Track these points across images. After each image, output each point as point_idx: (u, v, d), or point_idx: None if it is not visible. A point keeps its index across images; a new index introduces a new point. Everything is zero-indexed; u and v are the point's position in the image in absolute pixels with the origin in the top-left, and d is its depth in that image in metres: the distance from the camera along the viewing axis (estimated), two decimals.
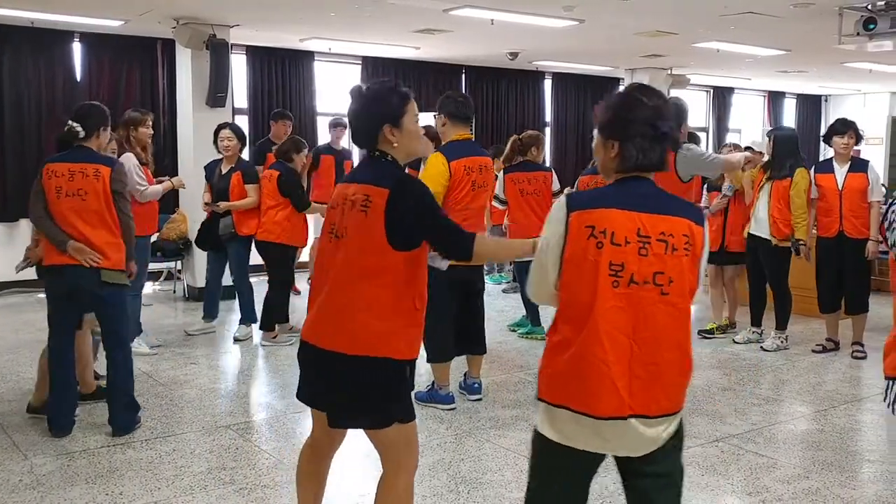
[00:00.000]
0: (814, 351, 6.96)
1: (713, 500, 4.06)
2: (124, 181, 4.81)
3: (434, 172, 5.07)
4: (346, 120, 9.32)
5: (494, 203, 7.32)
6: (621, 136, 2.39)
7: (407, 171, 2.98)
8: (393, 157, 2.89)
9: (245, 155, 7.52)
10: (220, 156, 7.12)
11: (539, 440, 2.50)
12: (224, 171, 7.04)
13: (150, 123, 6.38)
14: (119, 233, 4.70)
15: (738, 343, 7.19)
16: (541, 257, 2.42)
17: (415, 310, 2.85)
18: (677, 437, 2.50)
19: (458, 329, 5.29)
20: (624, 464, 2.51)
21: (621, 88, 2.48)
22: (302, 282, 8.65)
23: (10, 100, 9.18)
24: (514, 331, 7.49)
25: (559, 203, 2.39)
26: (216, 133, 7.09)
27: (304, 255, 9.09)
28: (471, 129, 5.46)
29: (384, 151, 2.89)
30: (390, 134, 2.87)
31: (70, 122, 4.67)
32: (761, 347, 7.05)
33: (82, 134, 4.65)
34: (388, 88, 2.94)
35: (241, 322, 7.26)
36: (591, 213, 2.33)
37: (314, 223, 8.59)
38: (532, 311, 7.33)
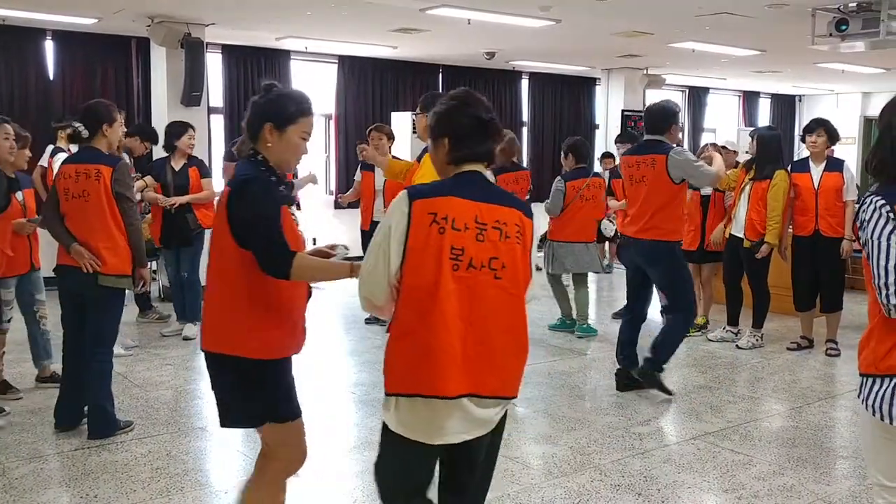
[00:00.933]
0: (788, 349, 7.02)
1: (690, 497, 4.09)
2: (127, 182, 4.75)
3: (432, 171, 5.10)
4: None
5: None
6: (450, 133, 2.56)
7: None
8: (263, 158, 2.90)
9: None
10: (164, 155, 7.12)
11: (387, 435, 2.57)
12: (178, 168, 7.03)
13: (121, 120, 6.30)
14: (122, 236, 4.64)
15: (711, 341, 7.25)
16: (382, 246, 2.45)
17: (267, 310, 2.83)
18: (498, 428, 2.65)
19: None
20: (448, 455, 2.62)
21: (454, 92, 2.72)
22: None
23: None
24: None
25: (401, 195, 2.49)
26: (175, 133, 7.05)
27: None
28: None
29: (257, 150, 2.92)
30: (269, 133, 2.88)
31: (73, 122, 4.64)
32: (736, 346, 7.10)
33: (86, 134, 4.60)
34: (289, 96, 2.97)
35: (190, 321, 7.23)
36: (433, 200, 2.45)
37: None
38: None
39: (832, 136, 6.73)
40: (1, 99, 9.18)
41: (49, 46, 9.57)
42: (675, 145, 5.63)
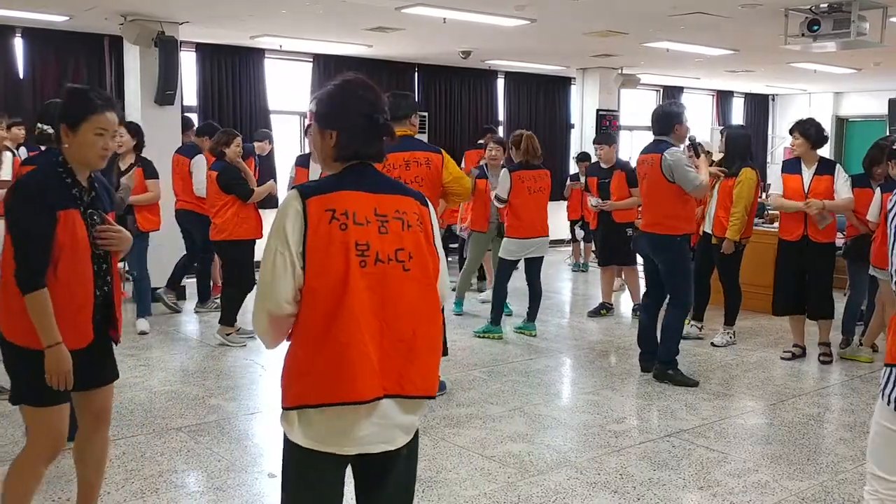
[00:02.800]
0: (783, 358, 6.75)
1: (665, 494, 4.11)
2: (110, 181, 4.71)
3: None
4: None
5: (494, 202, 7.26)
6: (339, 126, 2.37)
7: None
8: (63, 158, 3.02)
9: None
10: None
11: (291, 452, 2.36)
12: (123, 168, 6.96)
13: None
14: None
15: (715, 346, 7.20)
16: (279, 251, 2.26)
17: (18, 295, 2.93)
18: (413, 444, 2.47)
19: None
20: (364, 469, 2.43)
21: (342, 80, 2.44)
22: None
23: None
24: (479, 336, 7.40)
25: (291, 193, 2.31)
26: (224, 141, 6.98)
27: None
28: (411, 125, 5.45)
29: (60, 151, 3.05)
30: (64, 133, 3.00)
31: (38, 123, 4.55)
32: (711, 343, 7.14)
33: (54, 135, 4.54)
34: (78, 93, 3.05)
35: (141, 315, 7.40)
36: (328, 196, 2.29)
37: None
38: (497, 309, 7.35)
39: (808, 139, 6.35)
40: None
41: (19, 44, 9.45)
42: (673, 145, 5.94)
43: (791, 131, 6.52)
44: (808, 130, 6.41)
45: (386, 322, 2.30)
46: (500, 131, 13.81)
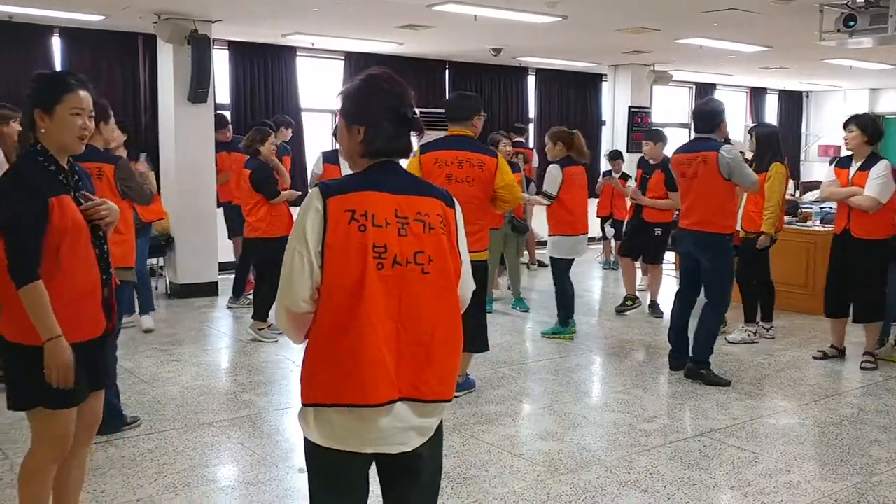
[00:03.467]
0: (815, 358, 6.65)
1: (695, 494, 4.08)
2: (130, 175, 4.77)
3: (409, 164, 5.29)
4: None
5: (541, 199, 7.21)
6: (367, 121, 2.34)
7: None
8: (42, 147, 2.95)
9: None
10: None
11: (311, 450, 2.37)
12: None
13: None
14: (128, 229, 4.67)
15: (732, 343, 7.13)
16: (299, 249, 2.26)
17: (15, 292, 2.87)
18: (439, 432, 2.46)
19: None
20: (387, 464, 2.42)
21: (367, 75, 2.39)
22: None
23: None
24: (545, 336, 7.35)
25: (313, 192, 2.30)
26: (259, 138, 7.08)
27: None
28: (472, 126, 5.43)
29: (35, 142, 2.96)
30: (39, 118, 2.93)
31: None
32: (726, 339, 7.08)
33: None
34: (48, 76, 3.05)
35: (144, 312, 7.39)
36: (349, 196, 2.27)
37: None
38: (565, 309, 7.29)
39: (866, 132, 6.16)
40: (8, 97, 9.18)
41: (56, 43, 9.59)
42: (723, 142, 5.95)
43: (846, 124, 6.36)
44: (865, 123, 6.26)
45: (403, 325, 2.28)
46: (531, 129, 13.80)
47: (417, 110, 2.44)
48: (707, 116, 6.00)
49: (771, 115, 17.24)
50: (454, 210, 2.42)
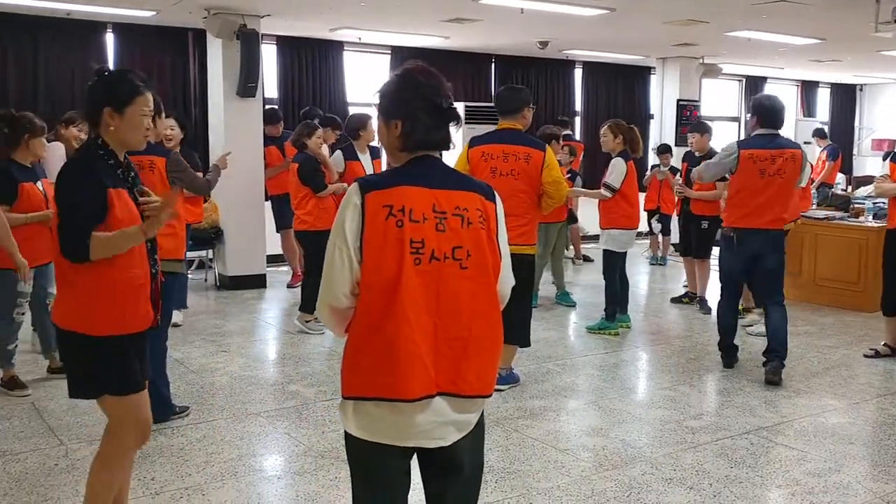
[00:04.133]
0: (865, 356, 6.54)
1: (742, 492, 4.04)
2: (183, 168, 4.85)
3: (458, 160, 5.34)
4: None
5: (603, 192, 7.14)
6: (403, 116, 2.34)
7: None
8: (103, 141, 3.01)
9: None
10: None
11: (350, 442, 2.40)
12: None
13: (82, 128, 6.29)
14: (179, 222, 4.75)
15: (750, 335, 7.13)
16: (338, 245, 2.29)
17: (100, 286, 2.93)
18: (479, 428, 2.46)
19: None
20: (427, 458, 2.43)
21: (402, 70, 2.36)
22: None
23: (45, 92, 9.27)
24: (591, 331, 7.31)
25: (353, 187, 2.31)
26: (306, 133, 7.13)
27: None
28: (522, 118, 5.44)
29: (97, 136, 3.03)
30: (109, 117, 2.99)
31: None
32: (746, 332, 7.03)
33: None
34: (121, 75, 3.08)
35: (176, 308, 7.26)
36: (388, 192, 2.27)
37: None
38: (613, 304, 7.25)
39: None
40: (63, 92, 9.40)
41: (109, 39, 9.77)
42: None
43: None
44: None
45: (441, 320, 2.28)
46: (577, 122, 13.73)
47: (458, 103, 2.46)
48: (780, 112, 5.90)
49: (823, 109, 16.92)
50: (494, 204, 2.41)
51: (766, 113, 5.86)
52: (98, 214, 2.90)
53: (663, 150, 10.66)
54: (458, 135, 10.32)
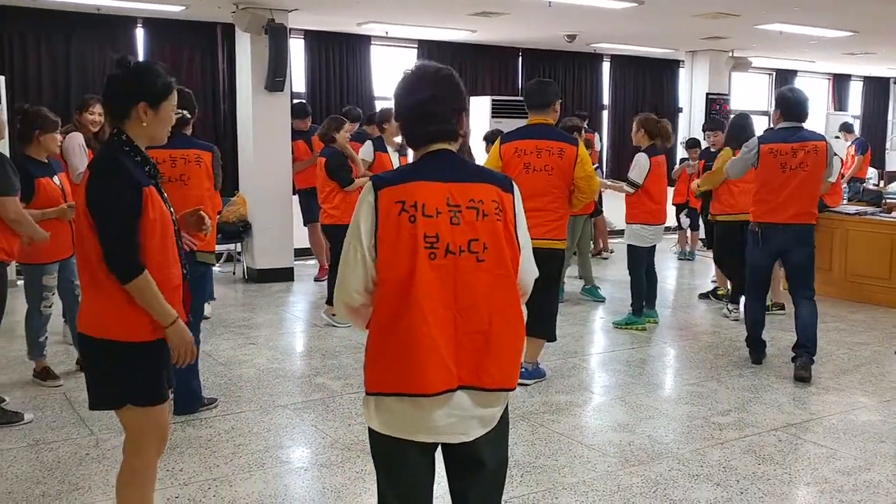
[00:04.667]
0: None
1: (769, 489, 4.01)
2: (220, 163, 4.90)
3: (490, 155, 5.38)
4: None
5: (626, 187, 7.13)
6: (398, 116, 2.44)
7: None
8: (128, 137, 2.87)
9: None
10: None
11: (373, 437, 2.42)
12: None
13: (95, 110, 6.23)
14: (213, 215, 4.79)
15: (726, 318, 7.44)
16: (353, 244, 2.33)
17: (117, 290, 2.79)
18: (503, 422, 2.45)
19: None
20: (450, 453, 2.43)
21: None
22: None
23: (78, 86, 9.36)
24: (618, 327, 7.27)
25: (367, 185, 2.34)
26: (335, 126, 7.12)
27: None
28: (553, 112, 5.43)
29: (120, 129, 2.87)
30: (144, 112, 2.87)
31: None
32: (723, 315, 7.48)
33: (189, 120, 4.69)
34: (155, 69, 2.94)
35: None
36: (400, 188, 2.29)
37: None
38: (638, 300, 7.22)
39: None
40: (94, 86, 9.50)
41: (139, 34, 9.86)
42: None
43: None
44: None
45: (460, 314, 2.28)
46: (605, 116, 13.66)
47: (484, 97, 2.50)
48: (804, 104, 5.79)
49: (855, 103, 16.70)
50: (512, 195, 2.40)
51: (788, 105, 5.79)
52: (138, 218, 2.78)
53: (692, 144, 10.58)
54: (486, 128, 10.31)
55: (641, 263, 7.17)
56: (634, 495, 3.92)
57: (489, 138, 8.54)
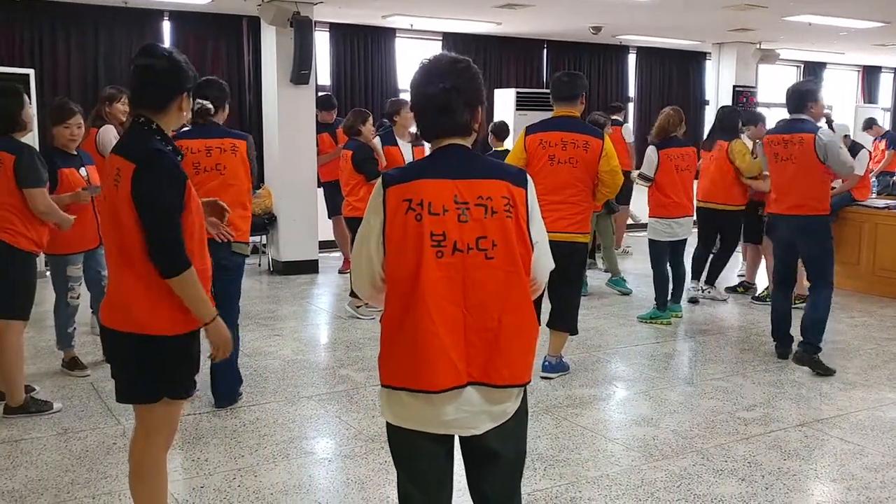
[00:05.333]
0: None
1: (795, 485, 3.98)
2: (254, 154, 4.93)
3: (514, 146, 5.37)
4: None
5: (639, 181, 7.12)
6: (413, 106, 2.41)
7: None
8: (158, 126, 2.85)
9: None
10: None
11: (388, 429, 2.45)
12: None
13: (125, 101, 6.22)
14: (249, 205, 4.84)
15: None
16: (363, 241, 2.34)
17: (159, 285, 2.78)
18: (521, 416, 2.43)
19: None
20: (466, 445, 2.44)
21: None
22: None
23: (105, 80, 9.41)
24: (642, 321, 7.24)
25: (378, 182, 2.34)
26: (361, 119, 7.13)
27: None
28: (581, 104, 5.42)
29: (150, 119, 2.84)
30: (185, 102, 2.90)
31: (198, 99, 4.59)
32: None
33: (213, 110, 4.72)
34: (187, 62, 2.93)
35: None
36: (406, 186, 2.28)
37: None
38: (662, 294, 7.19)
39: None
40: (122, 80, 9.57)
41: (166, 27, 9.93)
42: (820, 124, 5.83)
43: None
44: None
45: (469, 311, 2.28)
46: (631, 108, 13.58)
47: (509, 89, 2.47)
48: (794, 96, 5.79)
49: (885, 95, 16.47)
50: (525, 190, 2.37)
51: (788, 98, 5.88)
52: (182, 212, 2.78)
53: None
54: (511, 124, 10.29)
55: (660, 257, 7.13)
56: (658, 490, 3.90)
57: (496, 131, 8.53)
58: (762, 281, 8.29)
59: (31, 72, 8.45)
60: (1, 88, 4.80)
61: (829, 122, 6.23)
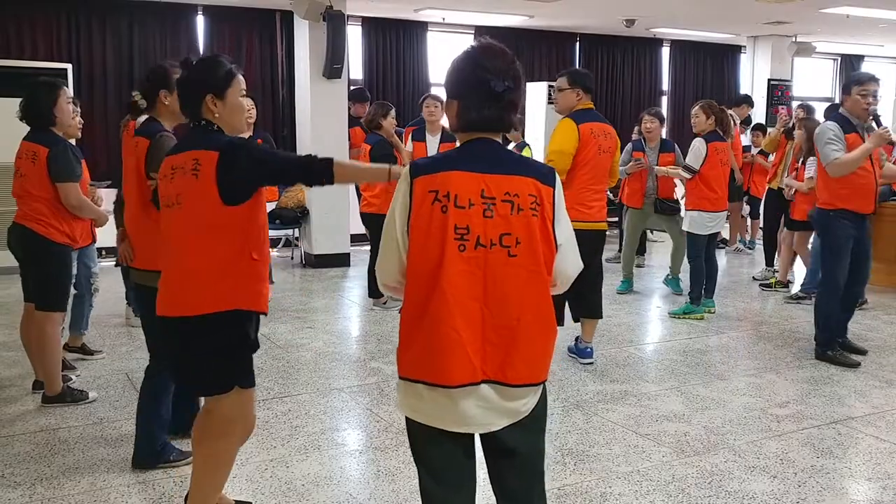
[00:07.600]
0: None
1: (828, 483, 3.94)
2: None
3: (567, 135, 5.33)
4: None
5: (682, 173, 7.11)
6: (458, 95, 2.32)
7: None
8: (219, 127, 2.96)
9: None
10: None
11: (407, 424, 2.43)
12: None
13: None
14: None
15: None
16: (390, 229, 2.33)
17: (252, 260, 2.92)
18: (538, 413, 2.40)
19: (576, 293, 5.38)
20: (483, 440, 2.41)
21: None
22: None
23: (141, 75, 9.57)
24: (675, 316, 7.20)
25: (404, 171, 2.31)
26: (383, 112, 7.16)
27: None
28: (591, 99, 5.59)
29: (210, 121, 2.96)
30: (212, 104, 2.94)
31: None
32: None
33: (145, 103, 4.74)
34: (215, 60, 2.99)
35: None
36: (434, 177, 2.25)
37: None
38: (697, 288, 7.16)
39: None
40: None
41: (200, 21, 10.02)
42: (844, 116, 5.68)
43: None
44: None
45: (488, 307, 2.25)
46: (664, 102, 13.48)
47: (541, 83, 2.44)
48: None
49: None
50: (553, 188, 2.33)
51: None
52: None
53: (756, 129, 10.38)
54: (543, 117, 10.26)
55: (700, 251, 7.08)
56: (689, 486, 3.88)
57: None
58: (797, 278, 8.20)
59: (69, 67, 8.57)
60: (37, 83, 4.84)
61: (877, 119, 6.02)
